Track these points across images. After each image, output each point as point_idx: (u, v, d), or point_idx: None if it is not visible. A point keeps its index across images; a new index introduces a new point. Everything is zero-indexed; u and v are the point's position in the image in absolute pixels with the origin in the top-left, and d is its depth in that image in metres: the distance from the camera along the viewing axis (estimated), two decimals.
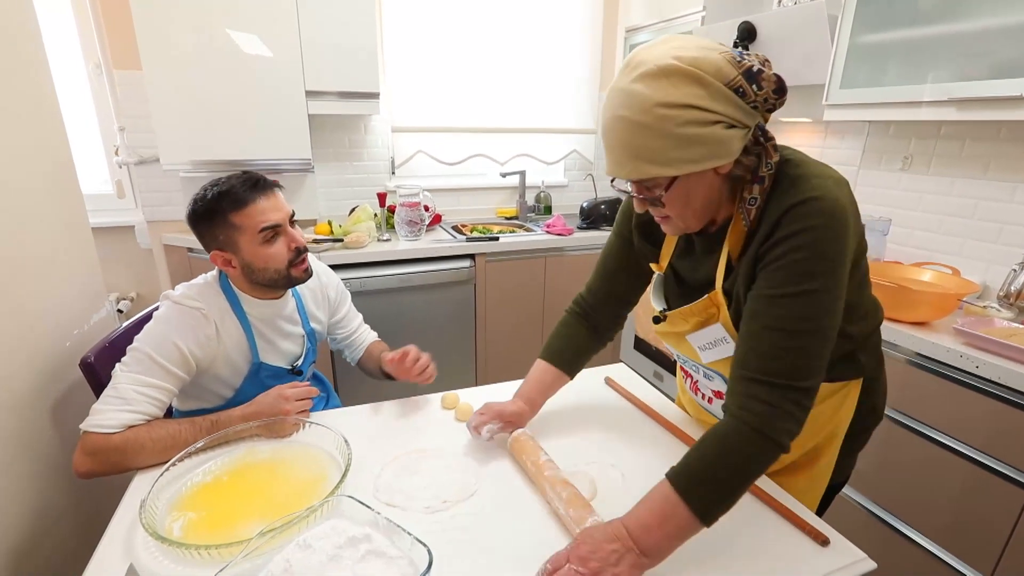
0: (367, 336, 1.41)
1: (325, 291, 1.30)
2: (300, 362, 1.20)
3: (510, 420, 0.97)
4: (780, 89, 0.69)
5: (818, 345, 0.70)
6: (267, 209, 1.04)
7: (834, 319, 0.70)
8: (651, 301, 0.96)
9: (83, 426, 0.91)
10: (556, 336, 1.06)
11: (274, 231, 1.05)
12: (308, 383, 1.10)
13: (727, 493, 0.69)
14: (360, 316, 1.42)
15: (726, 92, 0.66)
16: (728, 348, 0.84)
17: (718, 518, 0.68)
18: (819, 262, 0.68)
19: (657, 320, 0.94)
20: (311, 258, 1.22)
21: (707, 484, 0.68)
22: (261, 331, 1.13)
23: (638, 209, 0.80)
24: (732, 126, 0.68)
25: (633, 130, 0.68)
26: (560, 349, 1.04)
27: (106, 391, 0.95)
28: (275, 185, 1.08)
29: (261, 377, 1.12)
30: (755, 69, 0.67)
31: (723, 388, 0.92)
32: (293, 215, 1.10)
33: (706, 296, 0.83)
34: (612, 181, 0.79)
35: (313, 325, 1.25)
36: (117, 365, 0.97)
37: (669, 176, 0.70)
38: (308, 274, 1.13)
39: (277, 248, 1.06)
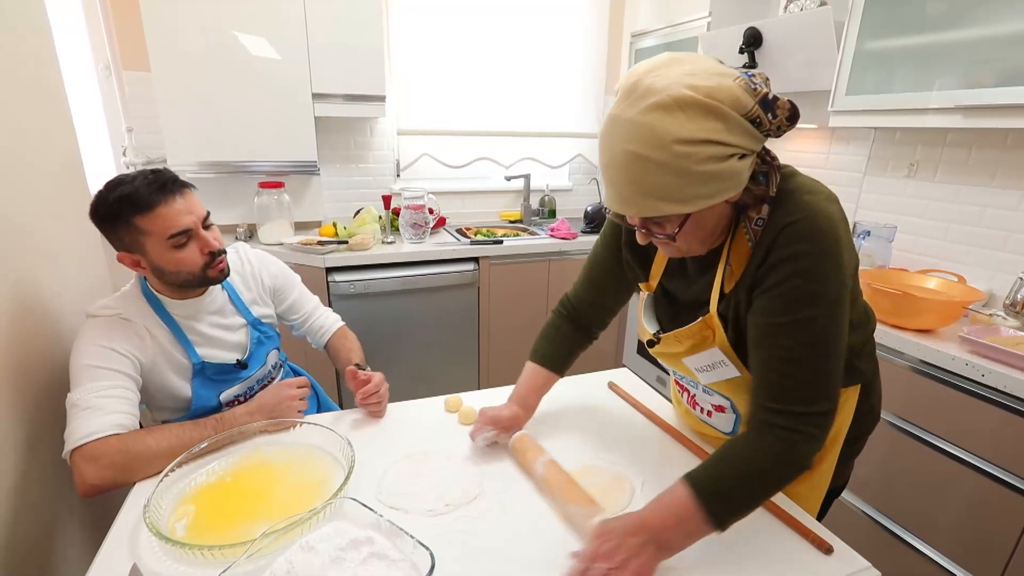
0: (327, 320, 1.33)
1: (259, 276, 1.22)
2: (245, 355, 1.14)
3: (507, 425, 0.98)
4: (793, 116, 0.66)
5: (829, 366, 0.70)
6: (176, 213, 0.96)
7: (841, 338, 0.70)
8: (643, 323, 0.94)
9: (68, 448, 0.86)
10: (544, 338, 1.07)
11: (186, 236, 0.98)
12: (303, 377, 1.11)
13: (745, 506, 0.71)
14: (316, 299, 1.34)
15: (743, 123, 0.63)
16: (728, 371, 0.82)
17: (731, 525, 0.70)
18: (817, 285, 0.67)
19: (651, 343, 0.92)
20: (243, 247, 1.21)
21: (726, 497, 0.69)
22: (193, 328, 1.07)
23: (642, 241, 0.77)
24: (744, 156, 0.66)
25: (646, 167, 0.63)
26: (550, 352, 1.05)
27: (68, 416, 0.89)
28: (187, 185, 1.00)
29: (208, 375, 1.08)
30: (771, 97, 0.64)
31: (724, 403, 0.91)
32: (207, 216, 1.03)
33: (700, 319, 0.81)
34: (607, 211, 0.74)
35: (257, 313, 1.19)
36: (67, 396, 0.91)
37: (685, 213, 0.68)
38: (225, 274, 1.06)
39: (188, 253, 0.99)
